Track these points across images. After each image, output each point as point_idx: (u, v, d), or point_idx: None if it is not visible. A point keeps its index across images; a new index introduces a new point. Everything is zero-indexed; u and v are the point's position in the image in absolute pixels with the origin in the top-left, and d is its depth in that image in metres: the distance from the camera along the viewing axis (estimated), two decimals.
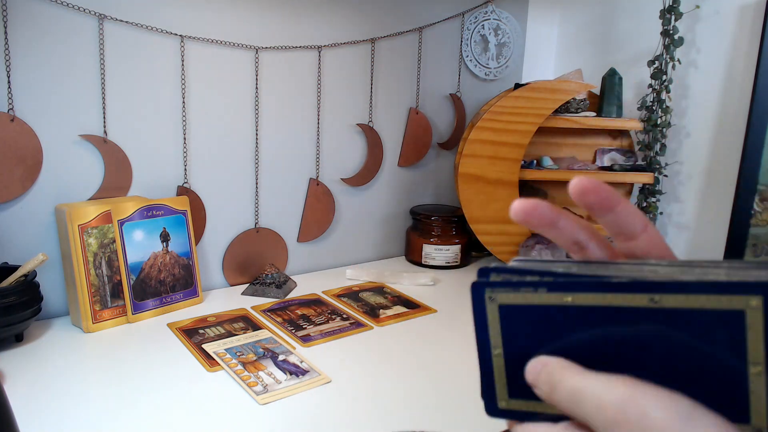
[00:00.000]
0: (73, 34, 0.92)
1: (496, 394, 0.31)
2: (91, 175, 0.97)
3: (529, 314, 0.29)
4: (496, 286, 0.30)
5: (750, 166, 1.08)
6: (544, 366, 0.28)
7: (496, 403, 0.31)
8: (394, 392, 0.76)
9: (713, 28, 1.18)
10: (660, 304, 0.26)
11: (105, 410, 0.70)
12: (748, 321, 0.25)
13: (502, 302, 0.30)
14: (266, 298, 1.08)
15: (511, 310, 0.30)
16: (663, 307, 0.26)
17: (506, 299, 0.30)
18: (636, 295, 0.26)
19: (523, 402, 0.30)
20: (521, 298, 0.29)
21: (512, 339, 0.30)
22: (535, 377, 0.28)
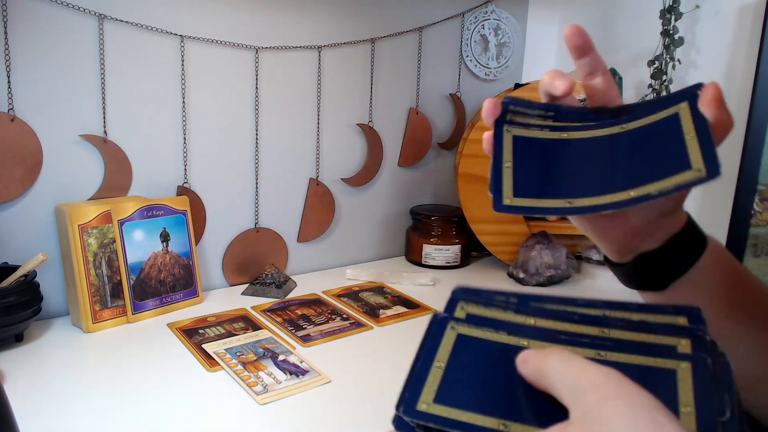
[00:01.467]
0: (73, 34, 0.92)
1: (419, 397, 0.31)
2: (91, 175, 0.97)
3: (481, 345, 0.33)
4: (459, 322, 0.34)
5: (750, 166, 1.08)
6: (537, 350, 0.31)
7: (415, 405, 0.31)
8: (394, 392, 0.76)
9: (713, 28, 1.18)
10: (605, 358, 0.30)
11: (105, 410, 0.70)
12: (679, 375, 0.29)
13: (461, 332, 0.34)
14: (266, 298, 1.08)
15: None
16: (608, 360, 0.30)
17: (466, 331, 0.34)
18: (585, 350, 0.30)
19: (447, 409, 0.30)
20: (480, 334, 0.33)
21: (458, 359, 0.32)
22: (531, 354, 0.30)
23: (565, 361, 0.28)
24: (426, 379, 0.31)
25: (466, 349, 0.32)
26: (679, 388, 0.28)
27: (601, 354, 0.30)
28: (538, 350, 0.30)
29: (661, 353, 0.29)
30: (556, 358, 0.28)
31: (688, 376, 0.28)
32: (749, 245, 1.11)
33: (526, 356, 0.30)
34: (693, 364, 0.29)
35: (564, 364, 0.28)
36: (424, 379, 0.32)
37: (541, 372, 0.29)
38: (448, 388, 0.31)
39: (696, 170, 0.33)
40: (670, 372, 0.29)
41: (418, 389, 0.31)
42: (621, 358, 0.30)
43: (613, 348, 0.30)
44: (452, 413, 0.30)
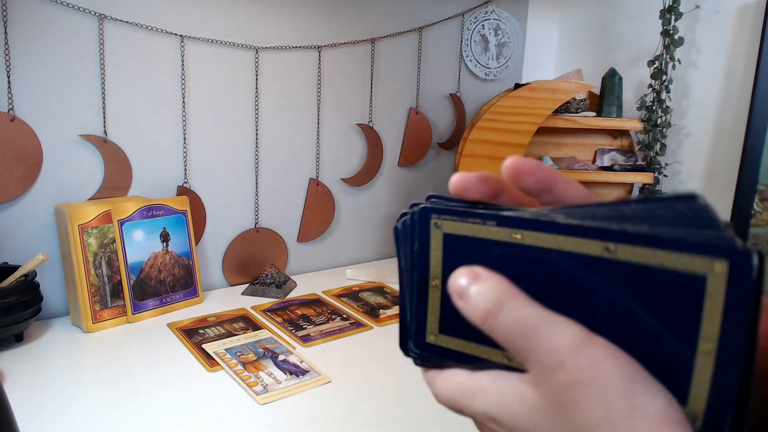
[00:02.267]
0: (73, 34, 0.92)
1: (426, 327, 0.29)
2: (91, 175, 0.97)
3: (473, 248, 0.27)
4: (443, 213, 0.28)
5: (750, 166, 1.08)
6: (486, 281, 0.25)
7: (424, 336, 0.29)
8: (394, 392, 0.76)
9: (713, 28, 1.18)
10: (615, 255, 0.23)
11: (105, 410, 0.70)
12: (708, 289, 0.21)
13: (447, 231, 0.28)
14: (266, 298, 1.08)
15: (455, 240, 0.27)
16: (618, 258, 0.23)
17: (452, 228, 0.27)
18: (590, 241, 0.24)
19: (453, 339, 0.28)
20: (468, 229, 0.27)
21: (452, 271, 0.27)
22: (469, 288, 0.25)
23: (521, 325, 0.23)
24: (427, 306, 0.28)
25: (454, 256, 0.27)
26: (705, 308, 0.21)
27: (610, 249, 0.23)
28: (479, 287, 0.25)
29: (690, 247, 0.21)
30: (511, 321, 0.24)
31: (720, 288, 0.21)
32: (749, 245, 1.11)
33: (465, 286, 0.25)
34: (731, 269, 0.21)
35: (522, 330, 0.23)
36: (425, 305, 0.28)
37: (492, 333, 0.24)
38: (450, 313, 0.27)
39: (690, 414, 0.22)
40: (696, 280, 0.21)
41: (423, 320, 0.29)
42: (635, 254, 0.23)
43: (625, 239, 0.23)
44: (458, 344, 0.28)
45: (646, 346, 0.23)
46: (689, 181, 1.25)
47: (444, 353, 0.29)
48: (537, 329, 0.23)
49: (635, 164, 1.25)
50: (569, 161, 1.30)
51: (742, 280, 0.21)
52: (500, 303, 0.24)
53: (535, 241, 0.25)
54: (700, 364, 0.22)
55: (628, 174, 1.21)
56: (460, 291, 0.25)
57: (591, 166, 1.27)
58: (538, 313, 0.24)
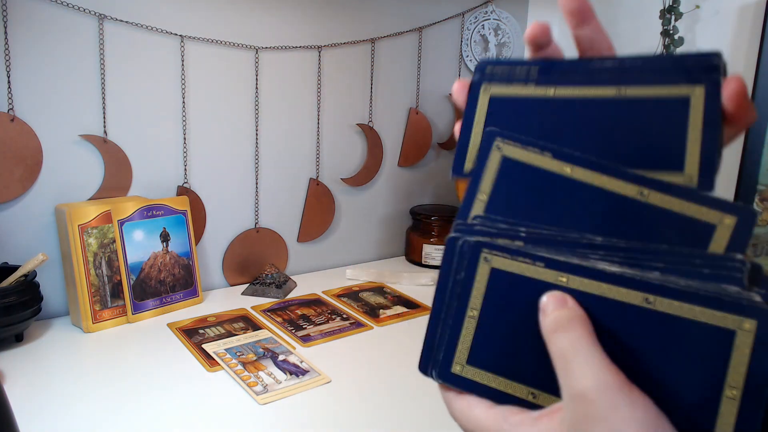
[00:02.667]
0: (73, 34, 0.92)
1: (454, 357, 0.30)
2: (91, 175, 0.97)
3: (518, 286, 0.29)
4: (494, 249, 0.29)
5: (750, 166, 1.08)
6: (573, 308, 0.27)
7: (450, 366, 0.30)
8: (394, 392, 0.76)
9: (713, 28, 1.18)
10: (653, 306, 0.26)
11: (105, 410, 0.70)
12: (736, 342, 0.24)
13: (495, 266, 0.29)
14: (266, 298, 1.08)
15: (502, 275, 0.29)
16: (655, 309, 0.26)
17: (501, 264, 0.29)
18: (632, 291, 0.26)
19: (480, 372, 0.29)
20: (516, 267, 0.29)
21: (492, 304, 0.29)
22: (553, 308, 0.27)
23: (573, 348, 0.26)
24: (459, 335, 0.30)
25: (501, 290, 0.29)
26: (732, 358, 0.24)
27: (650, 300, 0.26)
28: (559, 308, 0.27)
29: (723, 306, 0.24)
30: (567, 338, 0.26)
31: (747, 344, 0.24)
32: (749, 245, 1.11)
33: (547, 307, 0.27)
34: (759, 327, 0.24)
35: (571, 352, 0.25)
36: (457, 334, 0.30)
37: (550, 343, 0.27)
38: (482, 346, 0.29)
39: (687, 176, 0.28)
40: (726, 333, 0.24)
41: (452, 347, 0.30)
42: (672, 307, 0.25)
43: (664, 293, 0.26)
44: (484, 378, 0.29)
45: (676, 390, 0.25)
46: None
47: (467, 385, 0.30)
48: (581, 358, 0.25)
49: None
50: None
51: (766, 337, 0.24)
52: (569, 325, 0.26)
53: (580, 285, 0.28)
54: (724, 410, 0.24)
55: None
56: (544, 308, 0.27)
57: None
58: (591, 344, 0.26)
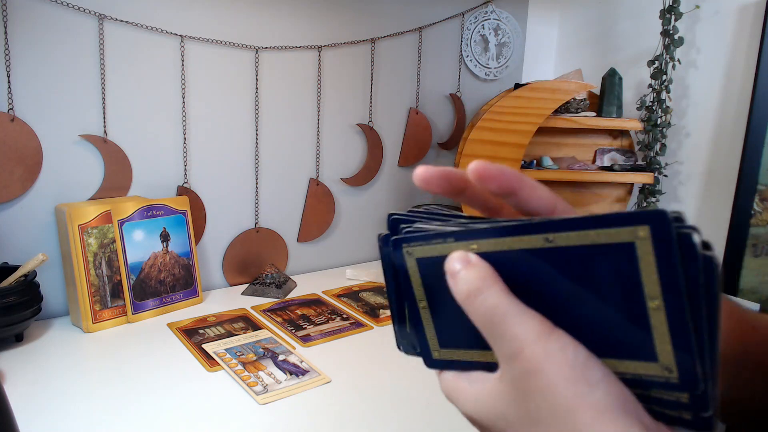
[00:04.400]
0: (73, 34, 0.92)
1: (429, 345, 0.32)
2: (91, 175, 0.97)
3: (442, 265, 0.29)
4: (411, 241, 0.31)
5: (750, 166, 1.08)
6: (473, 267, 0.27)
7: (430, 354, 0.32)
8: (394, 392, 0.76)
9: (713, 28, 1.18)
10: (555, 243, 0.26)
11: (105, 410, 0.70)
12: (638, 252, 0.24)
13: (418, 256, 0.30)
14: (266, 298, 1.08)
15: (426, 262, 0.30)
16: (558, 246, 0.26)
17: (421, 252, 0.30)
18: (532, 236, 0.26)
19: (454, 351, 0.31)
20: (434, 251, 0.30)
21: (433, 290, 0.31)
22: (460, 272, 0.27)
23: (493, 311, 0.25)
24: (424, 327, 0.32)
25: (430, 276, 0.30)
26: (641, 269, 0.24)
27: (550, 239, 0.26)
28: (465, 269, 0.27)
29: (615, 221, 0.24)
30: (486, 306, 0.26)
31: (648, 251, 0.24)
32: (749, 245, 1.11)
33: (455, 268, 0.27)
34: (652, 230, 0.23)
35: (492, 316, 0.25)
36: (422, 327, 0.32)
37: (470, 311, 0.27)
38: (443, 330, 0.31)
39: (663, 367, 0.25)
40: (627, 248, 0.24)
41: (424, 340, 0.32)
42: (570, 239, 0.25)
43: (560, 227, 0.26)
44: (459, 354, 0.31)
45: (604, 321, 0.25)
46: (689, 181, 1.25)
47: (450, 365, 0.32)
48: (504, 318, 0.25)
49: (635, 164, 1.25)
50: (569, 161, 1.30)
51: (663, 238, 0.23)
52: (479, 288, 0.26)
53: (488, 247, 0.28)
54: (655, 321, 0.24)
55: (628, 174, 1.21)
56: (453, 272, 0.27)
57: (591, 166, 1.27)
58: (508, 303, 0.26)
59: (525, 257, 0.27)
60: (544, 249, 0.26)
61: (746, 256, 1.10)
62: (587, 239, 0.25)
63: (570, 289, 0.26)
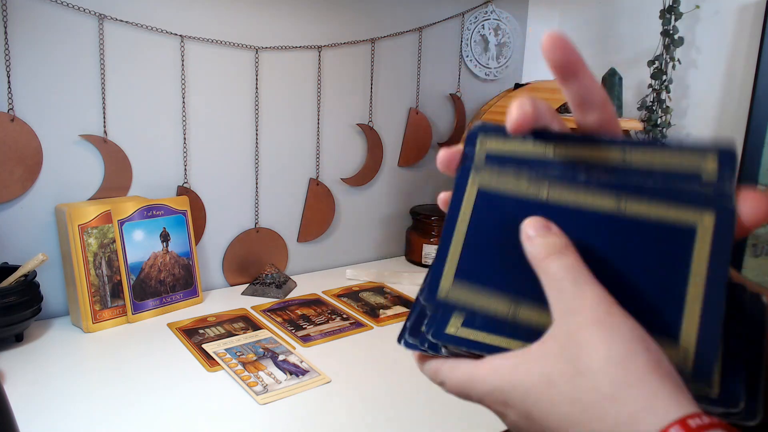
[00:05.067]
0: (73, 34, 0.92)
1: (442, 275, 0.31)
2: (91, 175, 0.97)
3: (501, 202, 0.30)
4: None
5: (750, 166, 1.08)
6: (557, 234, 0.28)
7: (437, 289, 0.31)
8: (394, 392, 0.76)
9: (713, 28, 1.18)
10: (625, 210, 0.27)
11: (105, 410, 0.70)
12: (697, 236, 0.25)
13: (482, 183, 0.31)
14: (266, 298, 1.08)
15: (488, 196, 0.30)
16: (626, 215, 0.27)
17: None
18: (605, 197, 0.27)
19: (467, 292, 0.30)
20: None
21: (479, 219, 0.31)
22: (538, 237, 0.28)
23: (567, 272, 0.27)
24: (447, 253, 0.31)
25: (486, 209, 0.30)
26: (693, 255, 0.25)
27: (622, 206, 0.27)
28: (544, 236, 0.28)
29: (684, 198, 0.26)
30: (560, 265, 0.27)
31: (708, 235, 0.25)
32: (749, 245, 1.11)
33: (531, 233, 0.28)
34: (717, 216, 0.25)
35: (565, 276, 0.27)
36: (445, 253, 0.31)
37: (543, 270, 0.28)
38: (468, 259, 0.30)
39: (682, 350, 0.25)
40: (688, 230, 0.26)
41: (441, 265, 0.31)
42: (641, 209, 0.27)
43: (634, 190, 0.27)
44: (468, 297, 0.30)
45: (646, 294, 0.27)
46: None
47: (450, 311, 0.30)
48: (576, 278, 0.27)
49: None
50: None
51: (725, 229, 0.25)
52: (562, 251, 0.28)
53: (558, 197, 0.29)
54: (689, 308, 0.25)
55: None
56: (530, 236, 0.29)
57: None
58: (583, 269, 0.27)
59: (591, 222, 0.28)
60: (612, 216, 0.28)
61: (746, 256, 1.10)
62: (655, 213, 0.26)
63: (624, 263, 0.27)
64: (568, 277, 0.27)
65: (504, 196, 0.30)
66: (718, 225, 0.25)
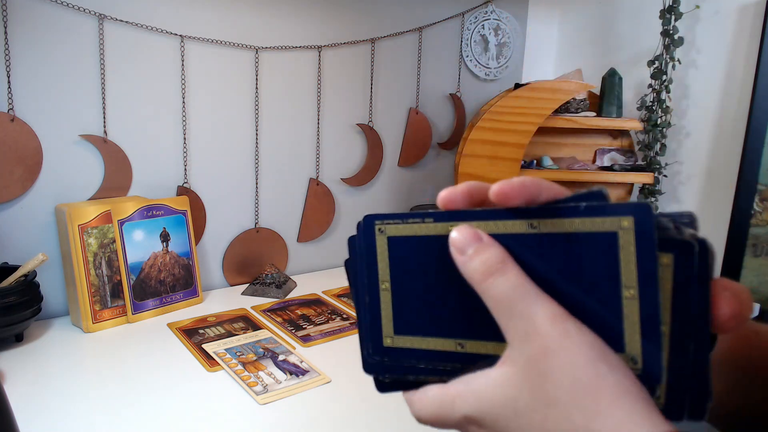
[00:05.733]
0: (73, 34, 0.92)
1: (382, 331, 0.31)
2: (91, 175, 0.97)
3: (414, 246, 0.30)
4: (385, 218, 0.31)
5: (750, 166, 1.08)
6: (491, 246, 0.27)
7: (381, 341, 0.31)
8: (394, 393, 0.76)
9: (713, 28, 1.18)
10: (539, 229, 0.26)
11: (105, 410, 0.70)
12: (620, 242, 0.25)
13: (390, 234, 0.30)
14: (266, 298, 1.08)
15: (398, 242, 0.30)
16: (541, 232, 0.26)
17: (395, 231, 0.30)
18: (516, 221, 0.27)
19: (408, 338, 0.30)
20: (409, 230, 0.30)
21: (399, 272, 0.30)
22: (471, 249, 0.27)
23: (512, 291, 0.25)
24: (380, 310, 0.31)
25: (401, 255, 0.30)
26: (620, 259, 0.25)
27: (534, 225, 0.26)
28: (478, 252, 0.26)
29: (599, 212, 0.25)
30: (504, 285, 0.26)
31: (630, 241, 0.24)
32: (749, 245, 1.11)
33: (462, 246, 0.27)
34: (636, 221, 0.24)
35: (512, 295, 0.25)
36: (378, 310, 0.31)
37: (485, 292, 0.26)
38: (402, 313, 0.30)
39: (629, 358, 0.25)
40: (609, 237, 0.25)
41: (378, 325, 0.31)
42: (555, 226, 0.26)
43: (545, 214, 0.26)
44: (413, 342, 0.30)
45: (580, 308, 0.26)
46: (689, 181, 1.25)
47: (401, 354, 0.31)
48: (523, 297, 0.25)
49: (635, 164, 1.25)
50: (569, 161, 1.30)
51: (645, 229, 0.24)
52: (499, 268, 0.26)
53: None
54: (628, 309, 0.25)
55: (628, 174, 1.21)
56: (462, 247, 0.27)
57: (591, 166, 1.27)
58: (528, 285, 0.26)
59: (508, 242, 0.27)
60: (527, 235, 0.27)
61: (746, 256, 1.10)
62: (571, 227, 0.26)
63: (550, 275, 0.26)
64: (514, 297, 0.26)
65: (415, 237, 0.30)
66: (638, 223, 0.24)
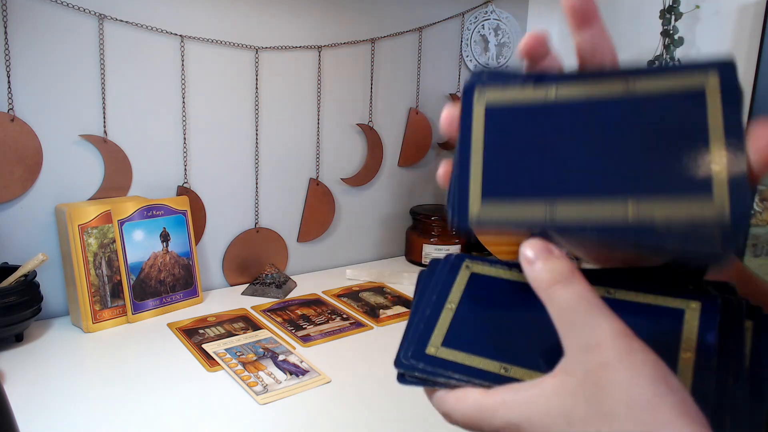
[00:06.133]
0: (73, 34, 0.92)
1: (430, 341, 0.30)
2: (91, 175, 0.97)
3: (493, 284, 0.31)
4: (476, 260, 0.31)
5: None
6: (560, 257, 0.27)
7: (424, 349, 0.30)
8: (394, 392, 0.76)
9: (713, 28, 1.18)
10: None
11: (105, 410, 0.70)
12: (686, 317, 0.27)
13: (474, 271, 0.32)
14: (266, 298, 1.08)
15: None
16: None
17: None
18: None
19: (453, 352, 0.30)
20: (494, 272, 0.31)
21: (469, 300, 0.31)
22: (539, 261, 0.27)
23: (578, 302, 0.25)
24: (436, 323, 0.31)
25: (478, 287, 0.31)
26: (683, 328, 0.27)
27: (610, 291, 0.29)
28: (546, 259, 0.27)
29: (671, 293, 0.28)
30: (569, 293, 0.26)
31: (695, 315, 0.27)
32: (749, 245, 1.11)
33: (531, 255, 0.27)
34: (702, 303, 0.27)
35: (577, 305, 0.25)
36: (434, 322, 0.31)
37: (549, 298, 0.26)
38: (457, 331, 0.30)
39: (717, 206, 0.25)
40: (677, 312, 0.28)
41: (428, 333, 0.31)
42: (629, 296, 0.29)
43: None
44: (457, 357, 0.30)
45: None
46: None
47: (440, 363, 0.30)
48: (589, 309, 0.25)
49: None
50: None
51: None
52: (569, 278, 0.26)
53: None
54: (682, 369, 0.26)
55: None
56: (530, 259, 0.27)
57: None
58: (594, 298, 0.26)
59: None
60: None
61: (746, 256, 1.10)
62: (644, 300, 0.28)
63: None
64: (579, 307, 0.25)
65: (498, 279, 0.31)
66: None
